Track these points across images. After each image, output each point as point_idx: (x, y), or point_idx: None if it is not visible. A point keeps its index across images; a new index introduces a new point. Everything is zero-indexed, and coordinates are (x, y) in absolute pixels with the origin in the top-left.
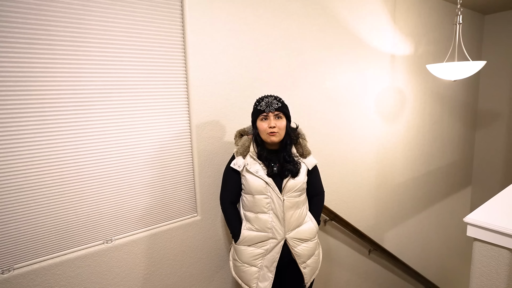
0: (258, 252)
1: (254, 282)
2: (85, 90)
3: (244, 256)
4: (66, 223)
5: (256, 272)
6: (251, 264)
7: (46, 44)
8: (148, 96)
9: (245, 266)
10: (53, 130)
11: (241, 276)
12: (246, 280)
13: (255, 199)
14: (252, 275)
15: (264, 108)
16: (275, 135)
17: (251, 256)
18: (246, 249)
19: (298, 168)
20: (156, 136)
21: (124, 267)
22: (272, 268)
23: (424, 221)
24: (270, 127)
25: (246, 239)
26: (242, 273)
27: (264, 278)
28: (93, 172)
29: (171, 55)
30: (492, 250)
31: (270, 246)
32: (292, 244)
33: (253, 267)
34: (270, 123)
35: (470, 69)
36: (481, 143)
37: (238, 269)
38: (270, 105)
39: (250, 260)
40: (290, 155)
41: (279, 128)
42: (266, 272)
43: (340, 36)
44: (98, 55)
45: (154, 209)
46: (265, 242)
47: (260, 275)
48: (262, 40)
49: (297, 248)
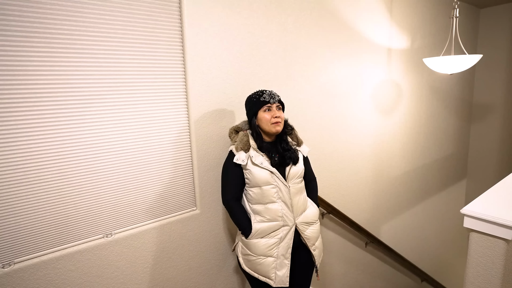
0: (272, 242)
1: (272, 272)
2: (83, 84)
3: (258, 248)
4: (65, 217)
5: (273, 262)
6: (267, 255)
7: (44, 38)
8: (147, 90)
9: (261, 258)
10: (51, 124)
11: (257, 269)
12: (264, 272)
13: (262, 190)
14: (269, 265)
15: (268, 99)
16: (279, 124)
17: (266, 247)
18: (259, 242)
19: (297, 155)
20: (155, 130)
21: (124, 261)
22: (287, 255)
23: (420, 213)
24: (274, 117)
25: (258, 231)
26: (259, 265)
27: (281, 266)
28: (92, 167)
29: (170, 49)
30: (488, 241)
31: (283, 234)
32: (301, 229)
33: (270, 257)
34: (275, 113)
35: (466, 62)
36: (476, 136)
37: (253, 263)
38: (273, 96)
39: (266, 251)
40: (288, 143)
41: (281, 117)
42: (282, 260)
43: (336, 29)
44: (96, 49)
45: (153, 203)
46: (278, 231)
47: (277, 264)
48: (257, 34)
49: (306, 231)
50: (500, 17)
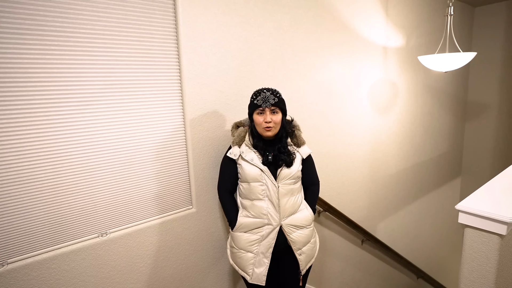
0: (254, 238)
1: (250, 267)
2: (77, 80)
3: (240, 242)
4: (59, 217)
5: (252, 258)
6: (247, 250)
7: (35, 34)
8: (141, 87)
9: (241, 252)
10: (44, 121)
11: (238, 262)
12: (242, 266)
13: (250, 186)
14: (248, 260)
15: (261, 103)
16: (271, 129)
17: (247, 242)
18: (242, 235)
19: (292, 158)
20: (150, 128)
21: (120, 260)
22: (267, 254)
23: (415, 211)
24: (265, 122)
25: (242, 225)
26: (239, 259)
27: (260, 263)
28: (87, 165)
29: (164, 46)
30: (482, 236)
31: (266, 232)
32: (287, 231)
33: (249, 253)
34: (266, 118)
35: (460, 60)
36: (471, 134)
37: (235, 255)
38: (266, 100)
39: (246, 246)
40: (285, 147)
41: (275, 122)
42: (262, 258)
43: (332, 28)
44: (88, 45)
45: (149, 202)
46: (261, 228)
47: (256, 261)
48: (254, 32)
49: (292, 234)
50: (494, 16)
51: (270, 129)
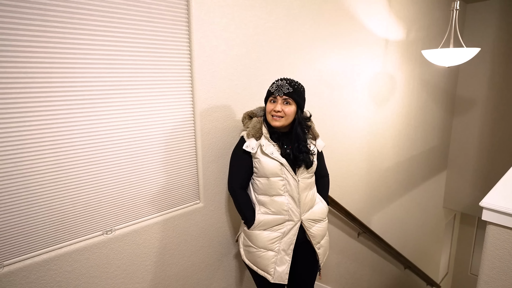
0: (274, 236)
1: (271, 266)
2: (82, 68)
3: (260, 240)
4: (61, 214)
5: (273, 256)
6: (268, 248)
7: (40, 26)
8: (150, 76)
9: (261, 251)
10: (46, 111)
11: (257, 262)
12: (263, 266)
13: (270, 181)
14: (269, 259)
15: (273, 91)
16: (278, 120)
17: (267, 240)
18: (262, 234)
19: (313, 160)
20: (157, 119)
21: (125, 259)
22: (289, 251)
23: (405, 204)
24: (274, 110)
25: (261, 223)
26: (258, 258)
27: (281, 261)
28: (91, 157)
29: (175, 31)
30: (506, 233)
31: (287, 229)
32: (307, 226)
33: (270, 251)
34: (276, 106)
35: (465, 55)
36: (458, 129)
37: (253, 255)
38: (280, 88)
39: (267, 245)
40: (305, 145)
41: (285, 113)
42: (283, 256)
43: (337, 17)
44: (94, 30)
45: (156, 196)
46: (282, 225)
47: (277, 259)
48: (264, 18)
49: (312, 229)
50: (486, 13)
51: (277, 119)
